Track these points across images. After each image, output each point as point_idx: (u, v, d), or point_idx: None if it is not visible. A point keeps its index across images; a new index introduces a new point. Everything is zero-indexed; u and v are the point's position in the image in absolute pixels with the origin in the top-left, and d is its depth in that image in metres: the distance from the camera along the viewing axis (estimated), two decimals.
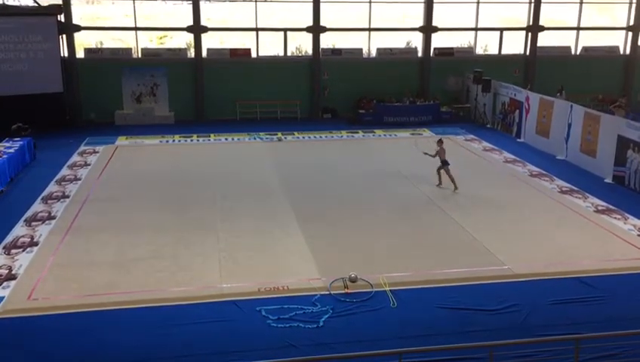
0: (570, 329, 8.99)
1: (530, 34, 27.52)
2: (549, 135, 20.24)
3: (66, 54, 23.94)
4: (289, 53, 26.43)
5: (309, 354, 8.21)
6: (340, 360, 8.06)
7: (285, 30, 25.92)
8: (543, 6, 27.10)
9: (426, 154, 16.14)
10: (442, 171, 15.94)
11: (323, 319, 9.31)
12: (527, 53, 27.75)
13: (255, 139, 21.89)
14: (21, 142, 17.92)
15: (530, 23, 27.41)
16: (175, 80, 24.82)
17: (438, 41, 26.89)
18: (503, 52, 27.85)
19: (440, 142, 16.24)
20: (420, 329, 9.09)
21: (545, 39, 27.70)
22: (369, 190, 15.97)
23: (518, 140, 22.08)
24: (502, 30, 27.68)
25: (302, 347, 8.53)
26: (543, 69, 27.26)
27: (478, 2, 26.92)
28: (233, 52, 25.61)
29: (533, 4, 27.16)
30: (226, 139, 21.99)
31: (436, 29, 26.55)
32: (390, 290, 10.20)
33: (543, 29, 27.45)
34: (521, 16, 27.69)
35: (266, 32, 25.85)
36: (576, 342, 7.60)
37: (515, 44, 27.91)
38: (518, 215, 14.16)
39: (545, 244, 12.40)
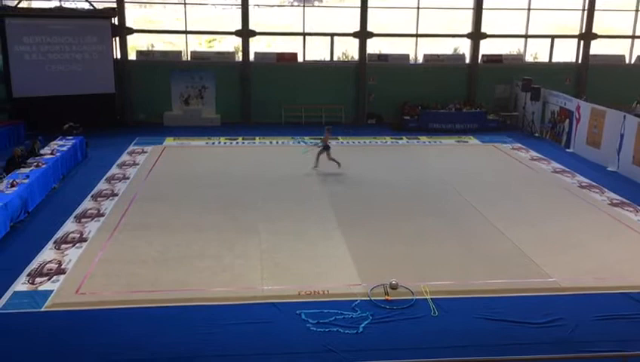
0: (617, 346, 8.67)
1: (582, 42, 26.88)
2: (600, 145, 19.69)
3: (119, 56, 24.60)
4: (335, 58, 26.51)
5: (347, 360, 8.20)
6: None
7: (332, 35, 26.01)
8: (596, 13, 26.45)
9: (318, 146, 18.20)
10: (322, 155, 17.83)
11: (363, 325, 9.26)
12: (580, 61, 27.12)
13: (299, 143, 22.02)
14: (74, 141, 18.49)
15: (583, 31, 26.78)
16: (222, 83, 25.21)
17: (487, 47, 26.53)
18: (554, 60, 27.27)
19: (328, 129, 18.31)
20: (460, 339, 8.95)
21: (598, 47, 27.01)
22: (412, 196, 15.86)
23: (568, 150, 21.55)
24: (553, 37, 27.10)
25: (340, 352, 8.51)
26: (596, 77, 26.55)
27: (528, 9, 26.46)
28: (280, 56, 25.85)
29: (586, 12, 26.53)
30: (271, 142, 22.20)
31: (485, 36, 26.20)
32: (431, 299, 10.09)
33: (596, 36, 26.77)
34: (573, 23, 27.06)
35: (313, 36, 26.01)
36: (624, 360, 7.38)
37: (566, 52, 27.29)
38: (566, 226, 13.79)
39: (593, 258, 12.05)
